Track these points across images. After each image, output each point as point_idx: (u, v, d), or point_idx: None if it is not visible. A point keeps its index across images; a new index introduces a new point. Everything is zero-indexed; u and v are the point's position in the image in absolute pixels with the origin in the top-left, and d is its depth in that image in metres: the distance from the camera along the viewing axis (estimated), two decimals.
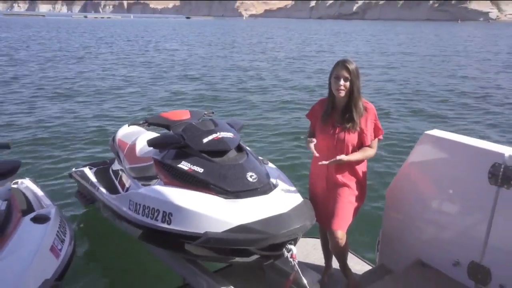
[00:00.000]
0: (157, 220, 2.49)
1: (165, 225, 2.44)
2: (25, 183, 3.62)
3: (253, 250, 2.40)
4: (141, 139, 3.47)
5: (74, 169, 4.38)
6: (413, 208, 2.57)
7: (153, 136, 3.17)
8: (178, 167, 2.63)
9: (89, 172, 3.99)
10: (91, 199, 4.05)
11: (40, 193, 3.48)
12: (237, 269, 2.94)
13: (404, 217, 2.64)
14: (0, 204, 2.43)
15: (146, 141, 2.90)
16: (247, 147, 2.96)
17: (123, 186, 3.40)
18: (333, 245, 2.56)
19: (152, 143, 2.86)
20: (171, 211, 2.43)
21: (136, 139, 3.52)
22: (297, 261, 2.37)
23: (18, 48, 23.44)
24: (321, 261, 2.98)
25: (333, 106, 2.59)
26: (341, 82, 2.47)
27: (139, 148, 3.39)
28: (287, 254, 2.36)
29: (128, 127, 3.93)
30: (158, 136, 3.00)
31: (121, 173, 3.56)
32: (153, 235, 2.64)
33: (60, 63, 17.00)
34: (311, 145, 2.51)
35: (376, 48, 27.80)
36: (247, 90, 12.15)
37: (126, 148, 3.55)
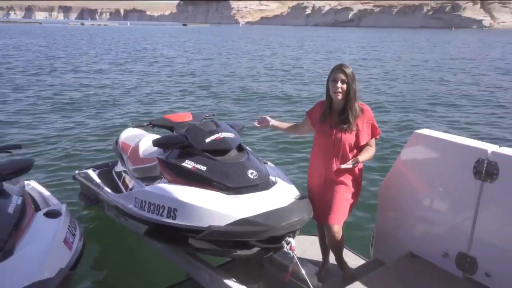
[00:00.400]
0: (163, 216, 2.61)
1: (170, 220, 2.56)
2: (31, 185, 3.74)
3: (254, 243, 2.52)
4: (144, 141, 3.59)
5: (78, 171, 4.49)
6: (405, 204, 2.70)
7: (157, 137, 3.31)
8: (182, 166, 2.76)
9: (93, 174, 4.10)
10: (94, 200, 4.16)
11: (47, 193, 3.60)
12: (238, 264, 3.06)
13: (397, 213, 2.77)
14: (16, 200, 2.54)
15: (152, 142, 3.02)
16: (248, 147, 3.10)
17: (126, 187, 3.51)
18: (330, 239, 2.67)
19: (157, 143, 2.99)
20: (176, 207, 2.55)
21: (139, 141, 3.63)
22: (296, 254, 2.49)
23: (16, 55, 23.53)
24: (319, 257, 3.09)
25: (331, 108, 2.73)
26: (339, 85, 2.60)
27: (142, 150, 3.51)
28: (286, 247, 2.48)
29: (131, 130, 4.06)
30: (163, 137, 3.12)
31: (124, 174, 3.66)
32: (158, 231, 2.76)
33: (61, 71, 17.01)
34: (267, 117, 3.05)
35: (372, 55, 28.14)
36: (246, 95, 12.35)
37: (130, 150, 3.66)
